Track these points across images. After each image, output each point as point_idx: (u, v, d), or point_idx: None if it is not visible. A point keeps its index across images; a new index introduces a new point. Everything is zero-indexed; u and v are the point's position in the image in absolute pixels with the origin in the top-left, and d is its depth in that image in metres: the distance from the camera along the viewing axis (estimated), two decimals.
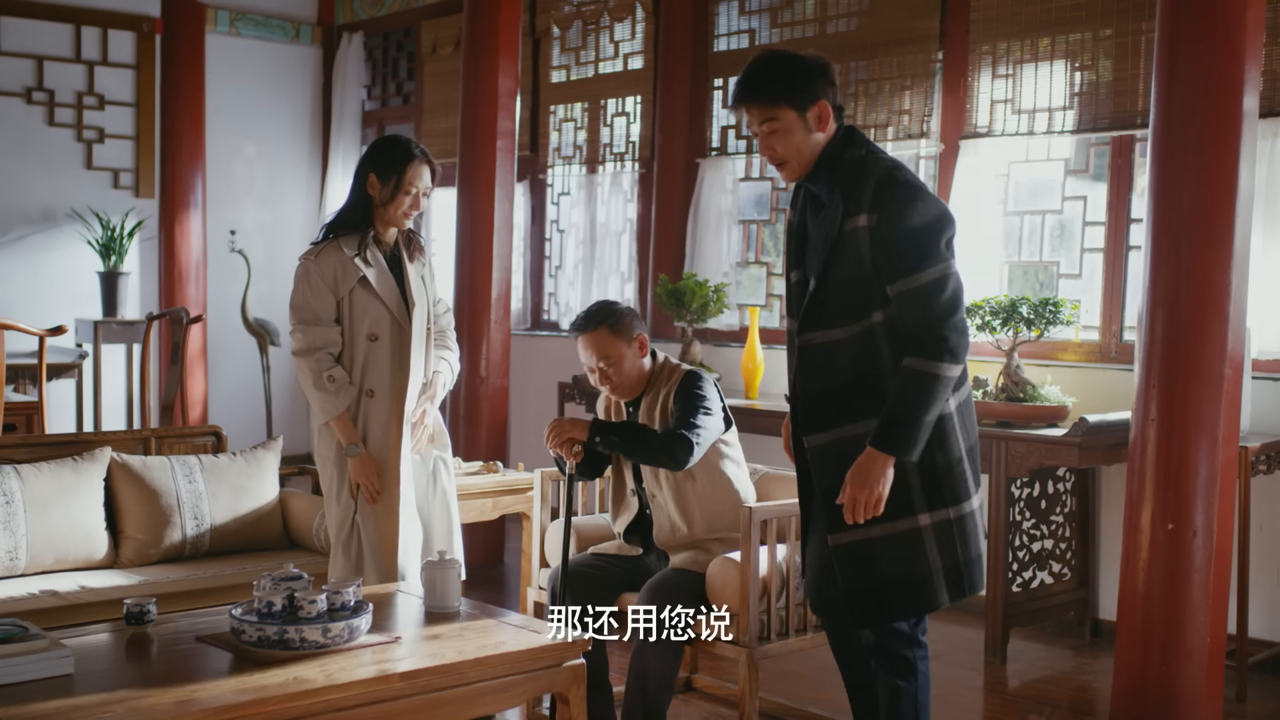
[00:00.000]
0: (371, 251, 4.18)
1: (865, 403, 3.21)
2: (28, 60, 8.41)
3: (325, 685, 2.94)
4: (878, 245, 3.16)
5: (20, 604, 4.04)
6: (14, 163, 8.39)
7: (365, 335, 4.14)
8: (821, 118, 3.25)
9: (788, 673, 4.91)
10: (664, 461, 3.91)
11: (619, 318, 4.05)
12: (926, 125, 6.25)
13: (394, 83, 9.56)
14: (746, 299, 7.15)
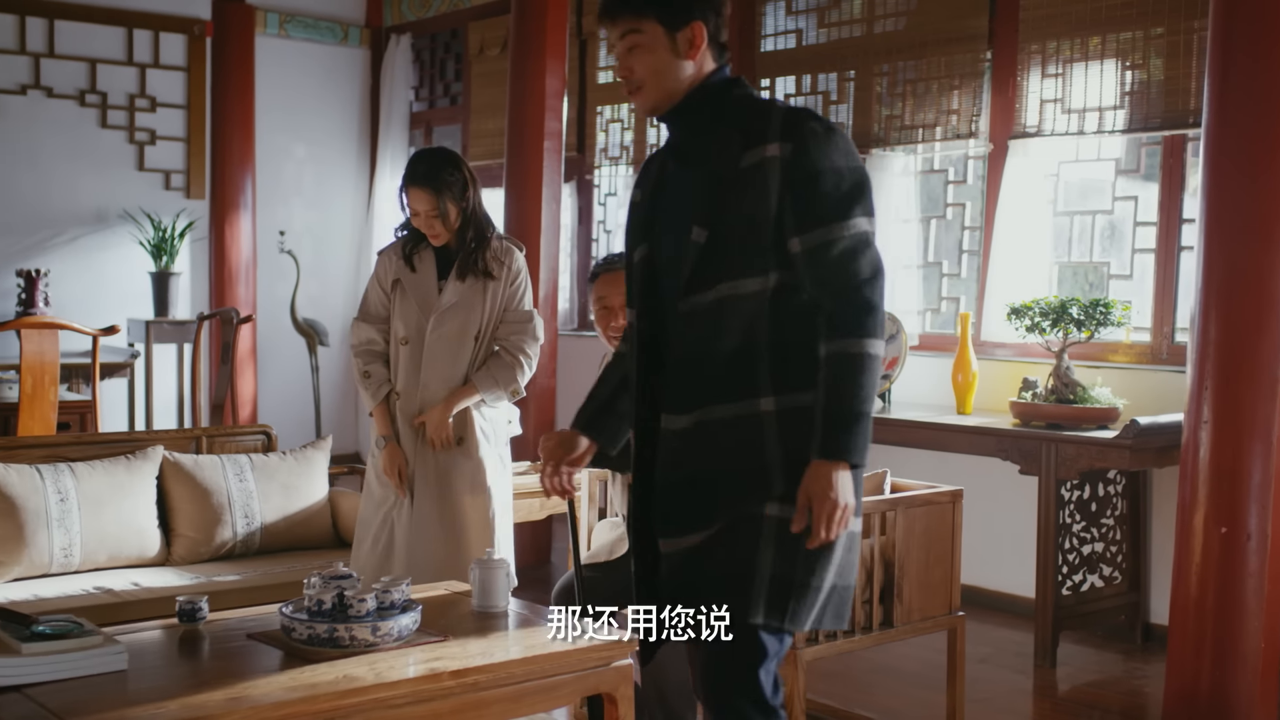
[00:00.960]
0: (420, 255, 4.25)
1: (739, 381, 2.66)
2: (81, 63, 8.51)
3: (375, 683, 2.95)
4: (790, 182, 2.61)
5: (75, 600, 4.09)
6: (68, 165, 8.49)
7: (399, 338, 4.25)
8: (694, 43, 2.72)
9: (833, 674, 4.89)
10: None
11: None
12: (975, 125, 6.22)
13: (441, 84, 9.60)
14: None
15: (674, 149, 2.85)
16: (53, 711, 2.69)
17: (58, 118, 8.48)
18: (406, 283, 4.23)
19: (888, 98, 6.63)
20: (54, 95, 8.46)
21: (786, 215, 2.61)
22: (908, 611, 4.16)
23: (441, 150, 4.31)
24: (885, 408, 5.96)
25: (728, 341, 2.66)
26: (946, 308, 6.47)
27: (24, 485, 4.34)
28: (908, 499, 4.17)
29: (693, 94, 2.75)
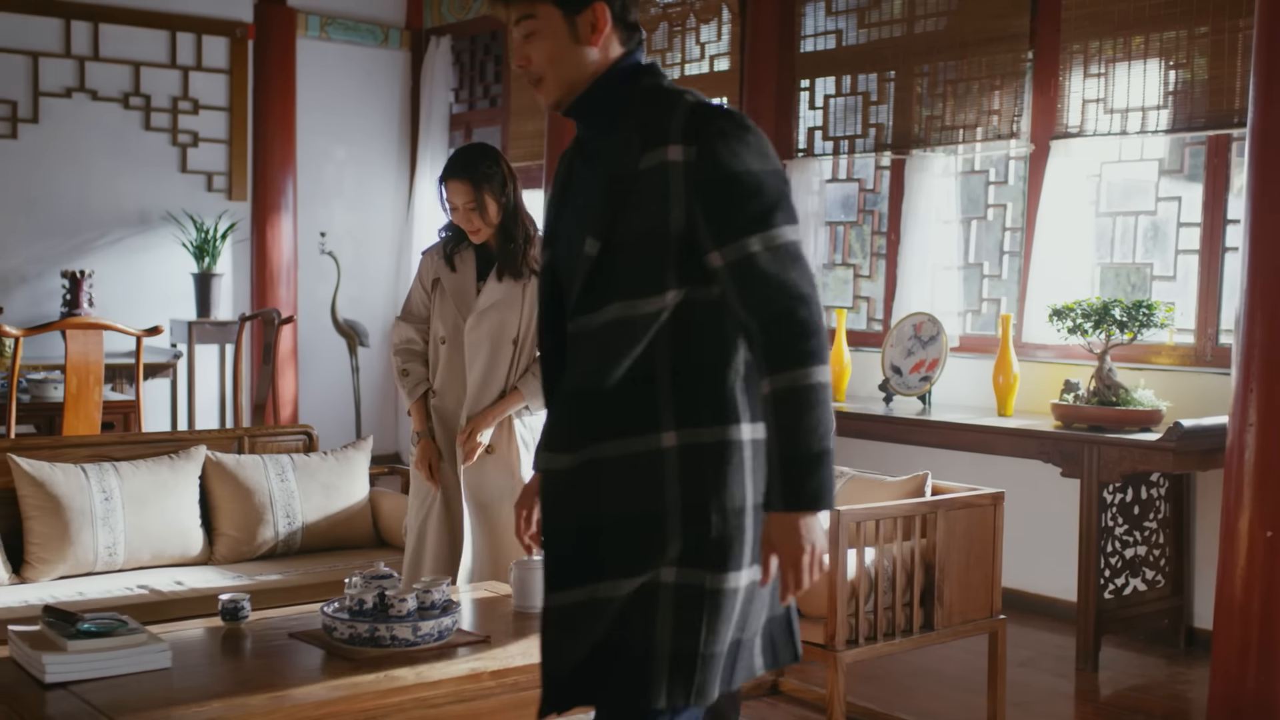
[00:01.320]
0: (462, 255, 4.25)
1: (634, 414, 2.32)
2: (125, 66, 8.58)
3: (416, 683, 2.97)
4: (698, 189, 2.28)
5: (119, 599, 4.13)
6: (112, 166, 8.56)
7: (438, 338, 4.25)
8: (595, 26, 2.39)
9: (874, 677, 4.88)
10: None
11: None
12: (1016, 125, 6.18)
13: (481, 86, 9.63)
14: (833, 301, 7.11)
15: (580, 147, 2.52)
16: (98, 708, 2.72)
17: (102, 120, 8.56)
18: (446, 282, 4.23)
19: (928, 98, 6.60)
20: (99, 98, 8.53)
21: (698, 227, 2.28)
22: (948, 614, 4.14)
23: (480, 144, 4.28)
24: (925, 409, 5.94)
25: (620, 369, 2.31)
26: (987, 309, 6.44)
27: (69, 484, 4.38)
28: (948, 501, 4.15)
29: (595, 85, 2.42)
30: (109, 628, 3.02)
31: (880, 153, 6.85)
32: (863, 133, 6.94)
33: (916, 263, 6.52)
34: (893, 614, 4.04)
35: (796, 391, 2.24)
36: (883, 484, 4.37)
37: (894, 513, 4.03)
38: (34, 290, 8.30)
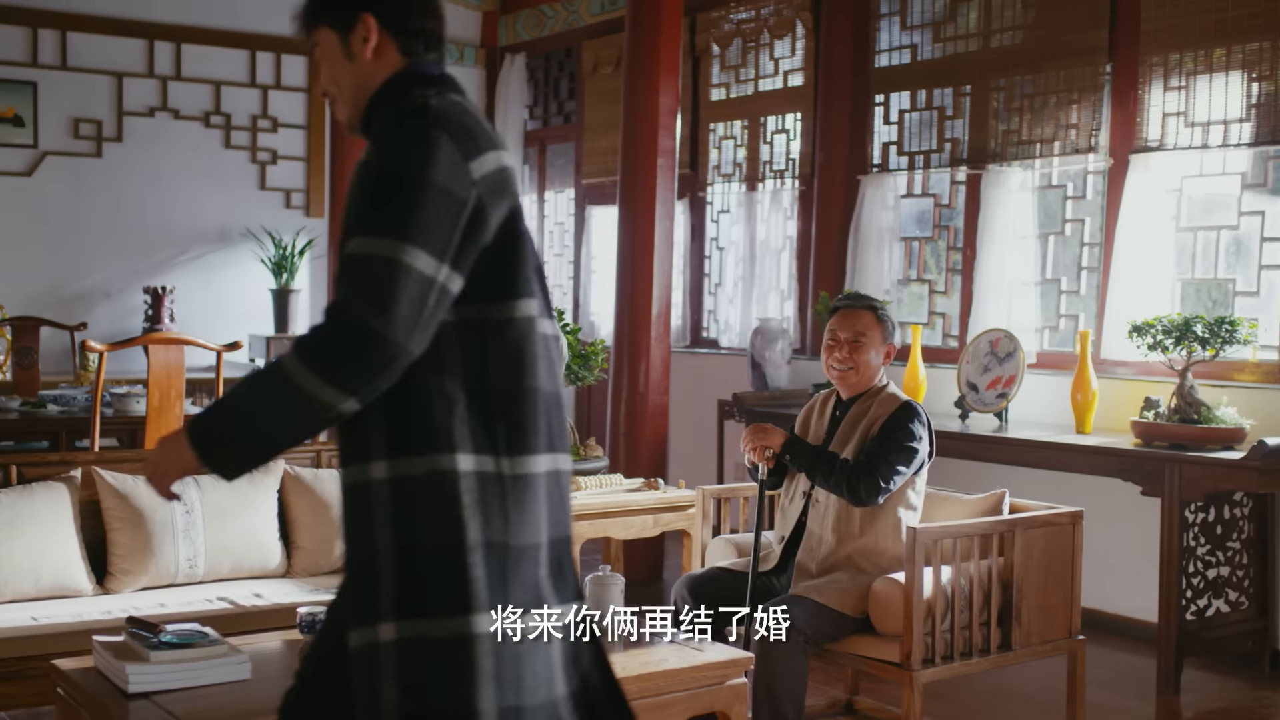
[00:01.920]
0: None
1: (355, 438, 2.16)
2: (206, 85, 8.73)
3: None
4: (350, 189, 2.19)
5: (199, 611, 4.17)
6: (193, 184, 8.71)
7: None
8: (366, 40, 2.30)
9: (951, 697, 4.83)
10: (845, 493, 3.89)
11: (887, 315, 4.13)
12: (1095, 140, 6.11)
13: (555, 102, 9.68)
14: (908, 317, 7.06)
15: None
16: (179, 718, 2.75)
17: (183, 139, 8.71)
18: None
19: (1004, 112, 6.55)
20: (180, 117, 8.68)
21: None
22: (1026, 634, 4.10)
23: None
24: (1002, 426, 5.88)
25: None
26: (1065, 325, 6.37)
27: (151, 498, 4.44)
28: (1026, 520, 4.11)
29: (370, 102, 2.32)
30: (190, 639, 3.06)
31: (956, 168, 6.81)
32: (938, 148, 6.90)
33: (993, 278, 6.46)
34: (970, 633, 4.00)
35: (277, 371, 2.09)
36: (959, 502, 4.33)
37: (971, 531, 3.99)
38: (117, 306, 8.45)
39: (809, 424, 4.22)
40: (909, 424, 3.96)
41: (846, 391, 4.12)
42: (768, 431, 4.04)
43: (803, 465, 4.01)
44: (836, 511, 3.98)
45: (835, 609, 3.88)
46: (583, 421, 8.92)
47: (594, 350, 5.14)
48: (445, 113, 2.19)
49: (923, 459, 3.99)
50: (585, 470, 5.11)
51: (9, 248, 8.22)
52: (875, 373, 4.09)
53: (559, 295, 9.57)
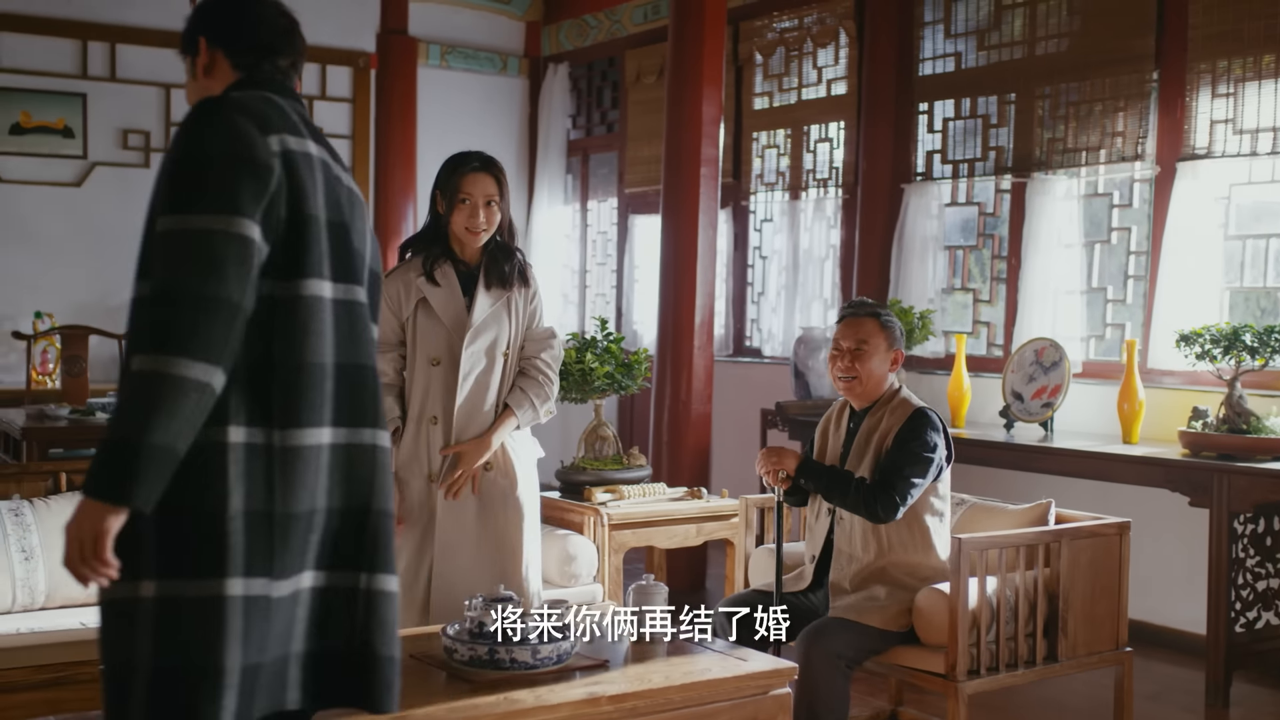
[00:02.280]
0: (442, 271, 3.94)
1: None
2: None
3: (535, 706, 2.98)
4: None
5: None
6: None
7: (428, 359, 3.94)
8: (199, 60, 2.50)
9: (996, 708, 4.80)
10: (863, 512, 3.86)
11: (892, 322, 4.05)
12: (1141, 147, 6.07)
13: (598, 112, 9.71)
14: (952, 326, 7.03)
15: None
16: None
17: None
18: (433, 300, 3.92)
19: (1050, 120, 6.51)
20: None
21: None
22: (1072, 646, 4.06)
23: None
24: (1048, 436, 5.84)
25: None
26: (1111, 334, 6.32)
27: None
28: (1072, 530, 4.08)
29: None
30: None
31: (1000, 176, 6.77)
32: (982, 156, 6.86)
33: (1038, 287, 6.42)
34: (1015, 644, 3.97)
35: (140, 375, 2.14)
36: (1004, 512, 4.31)
37: (1016, 541, 3.96)
38: None
39: (826, 438, 4.18)
40: (922, 433, 3.90)
41: (856, 402, 4.07)
42: (781, 454, 4.01)
43: (818, 488, 3.98)
44: (862, 527, 3.95)
45: (878, 627, 3.85)
46: (626, 430, 8.92)
47: (637, 359, 5.14)
48: (243, 100, 2.36)
49: (940, 465, 3.94)
50: (628, 479, 5.11)
51: (59, 257, 8.31)
52: (881, 381, 4.02)
53: (601, 304, 9.59)
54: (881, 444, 3.93)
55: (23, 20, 8.12)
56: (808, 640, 3.79)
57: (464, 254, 3.97)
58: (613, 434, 5.25)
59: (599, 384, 5.02)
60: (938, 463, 3.90)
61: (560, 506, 5.02)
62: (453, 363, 3.92)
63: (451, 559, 3.91)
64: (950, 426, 6.18)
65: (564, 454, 5.88)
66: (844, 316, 4.08)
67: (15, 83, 8.13)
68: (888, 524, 3.89)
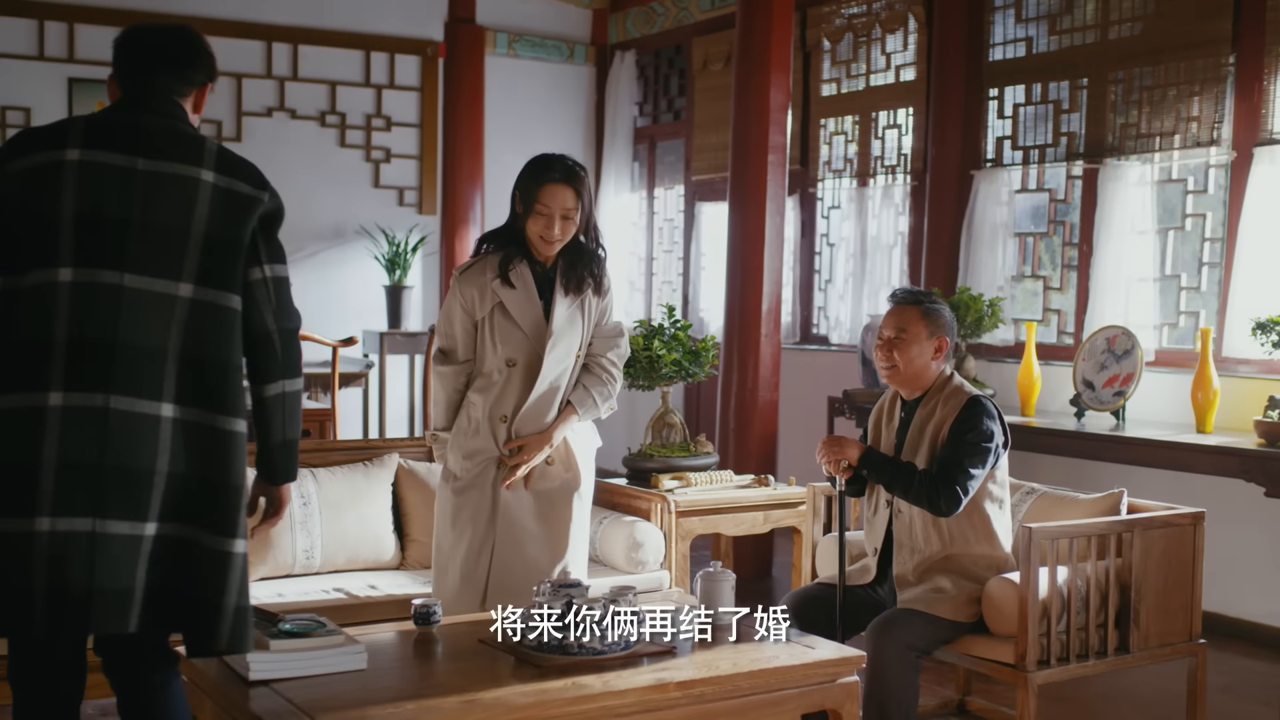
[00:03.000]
0: (518, 273, 3.89)
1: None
2: (322, 85, 8.88)
3: (603, 691, 2.99)
4: None
5: (315, 601, 4.26)
6: (309, 182, 8.86)
7: (505, 360, 3.90)
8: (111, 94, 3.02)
9: (1066, 699, 4.75)
10: (925, 505, 3.83)
11: (938, 311, 3.97)
12: (1217, 132, 5.97)
13: (665, 99, 9.69)
14: (1022, 314, 6.96)
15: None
16: (300, 706, 2.80)
17: (300, 138, 8.87)
18: (510, 304, 3.87)
19: (1123, 105, 6.42)
20: (297, 117, 8.84)
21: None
22: (1144, 637, 4.02)
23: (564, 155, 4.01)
24: (1119, 425, 5.77)
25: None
26: (1185, 322, 6.23)
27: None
28: (1145, 520, 4.03)
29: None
30: (308, 628, 3.12)
31: (1072, 162, 6.69)
32: (1053, 142, 6.79)
33: (1110, 274, 6.35)
34: (1086, 635, 3.93)
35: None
36: (1075, 501, 4.26)
37: (1088, 531, 3.92)
38: None
39: (879, 429, 4.14)
40: (978, 423, 3.85)
41: (903, 390, 4.03)
42: (843, 444, 3.98)
43: (881, 479, 3.94)
44: (922, 519, 3.91)
45: (948, 619, 3.83)
46: (692, 417, 8.92)
47: (704, 347, 5.14)
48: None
49: (997, 452, 3.89)
50: (696, 466, 5.11)
51: None
52: (923, 369, 3.95)
53: (667, 292, 9.59)
54: (937, 434, 3.90)
55: (98, 12, 8.23)
56: (877, 632, 3.77)
57: (540, 255, 3.92)
58: (680, 421, 5.25)
59: (666, 371, 5.02)
60: (995, 450, 3.86)
61: (627, 493, 5.03)
62: (528, 365, 3.89)
63: (513, 548, 3.92)
64: (1020, 415, 6.13)
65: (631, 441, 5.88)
66: (891, 305, 4.05)
67: (91, 74, 8.24)
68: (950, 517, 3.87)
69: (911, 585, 3.90)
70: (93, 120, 2.85)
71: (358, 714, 2.78)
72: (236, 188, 2.86)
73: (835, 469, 3.98)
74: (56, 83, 8.20)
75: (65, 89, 8.20)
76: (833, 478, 4.05)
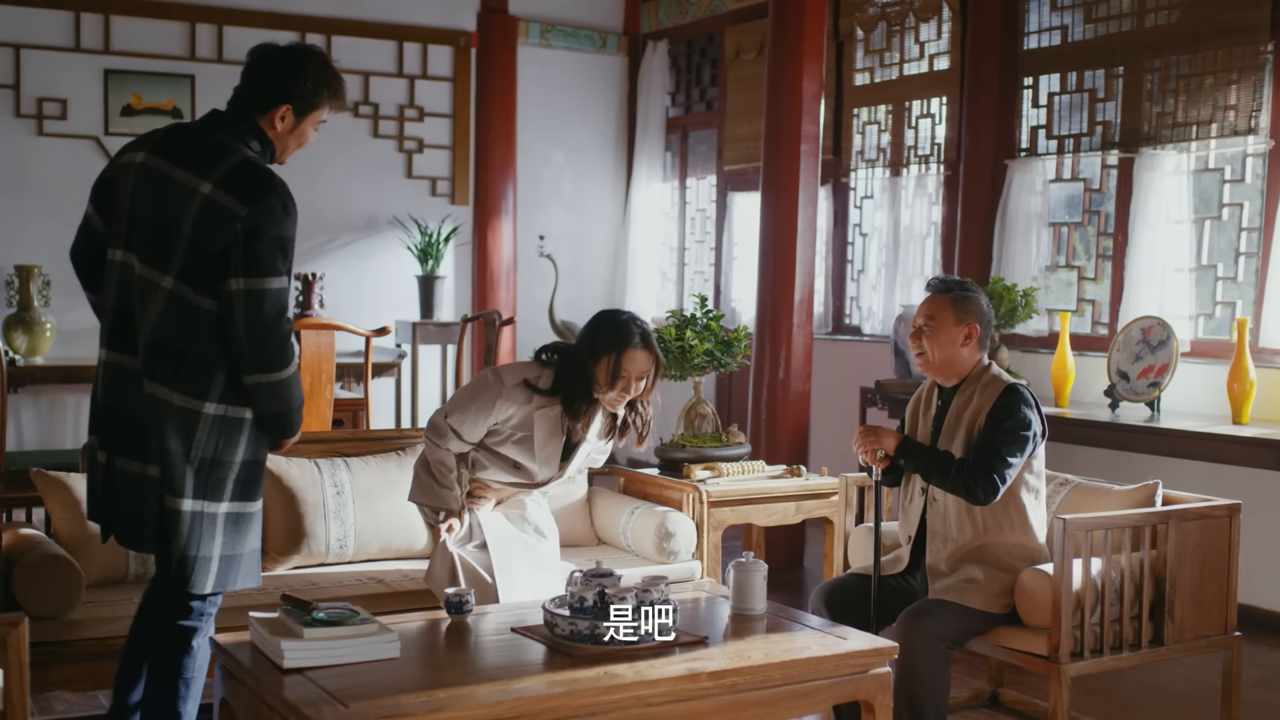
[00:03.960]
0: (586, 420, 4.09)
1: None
2: (355, 76, 8.90)
3: (635, 681, 3.00)
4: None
5: (349, 589, 4.27)
6: (342, 173, 8.89)
7: (510, 464, 4.13)
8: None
9: (1099, 691, 4.73)
10: (962, 493, 3.81)
11: (967, 299, 3.94)
12: (1255, 121, 5.92)
13: (697, 89, 9.68)
14: (1056, 304, 6.92)
15: None
16: (333, 694, 2.82)
17: (333, 128, 8.78)
18: (539, 441, 4.07)
19: (1159, 94, 6.37)
20: None
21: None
22: (1179, 629, 3.99)
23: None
24: (1154, 416, 5.73)
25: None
26: (1221, 313, 6.18)
27: (304, 479, 4.56)
28: (1180, 512, 4.00)
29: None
30: (341, 617, 3.13)
31: (1107, 151, 6.65)
32: (1088, 131, 6.74)
33: (1145, 264, 6.30)
34: (1120, 627, 3.91)
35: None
36: (1109, 493, 4.24)
37: (1122, 522, 3.90)
38: None
39: (916, 417, 4.13)
40: (1016, 411, 3.83)
41: (939, 378, 4.02)
42: (879, 434, 3.96)
43: (917, 468, 3.93)
44: (957, 508, 3.90)
45: (980, 609, 3.82)
46: (724, 408, 8.92)
47: (736, 337, 5.13)
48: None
49: (1035, 442, 3.87)
50: (728, 456, 5.11)
51: None
52: (953, 356, 3.93)
53: (699, 282, 9.58)
54: (974, 422, 3.88)
55: (133, 4, 8.27)
56: (908, 622, 3.76)
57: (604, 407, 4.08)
58: (711, 411, 5.24)
59: (698, 361, 5.02)
60: (1033, 439, 3.84)
61: (659, 483, 5.04)
62: (526, 474, 4.14)
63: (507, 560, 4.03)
64: (1054, 406, 6.10)
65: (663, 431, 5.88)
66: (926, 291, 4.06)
67: (127, 65, 8.29)
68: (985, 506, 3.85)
69: (944, 575, 3.89)
70: (168, 129, 3.49)
71: (391, 702, 2.79)
72: (224, 201, 3.24)
73: (872, 458, 3.97)
74: (93, 74, 8.25)
75: (101, 80, 8.25)
76: (869, 467, 4.04)
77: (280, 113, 3.45)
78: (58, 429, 8.07)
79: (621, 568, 4.31)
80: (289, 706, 2.80)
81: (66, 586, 3.77)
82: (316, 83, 3.46)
